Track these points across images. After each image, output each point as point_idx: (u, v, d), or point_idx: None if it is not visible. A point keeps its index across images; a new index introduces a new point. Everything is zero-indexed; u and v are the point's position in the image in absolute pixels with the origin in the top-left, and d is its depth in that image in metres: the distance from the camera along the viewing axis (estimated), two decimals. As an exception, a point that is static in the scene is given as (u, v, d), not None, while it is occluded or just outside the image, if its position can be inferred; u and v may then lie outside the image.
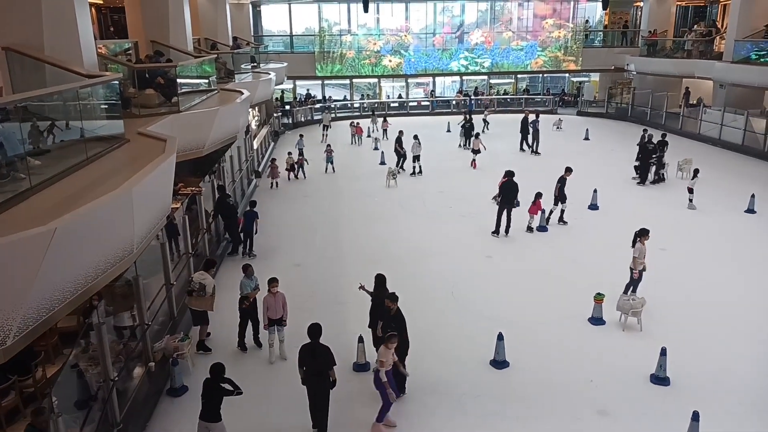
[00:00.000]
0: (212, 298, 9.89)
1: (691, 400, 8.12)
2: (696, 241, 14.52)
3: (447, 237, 15.17)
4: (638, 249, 10.98)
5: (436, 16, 37.39)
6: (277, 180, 20.17)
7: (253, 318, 10.01)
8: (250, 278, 10.01)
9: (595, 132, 28.02)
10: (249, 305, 9.91)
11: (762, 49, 25.12)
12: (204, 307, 9.89)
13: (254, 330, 10.09)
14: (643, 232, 11.03)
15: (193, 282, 9.86)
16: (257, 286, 10.07)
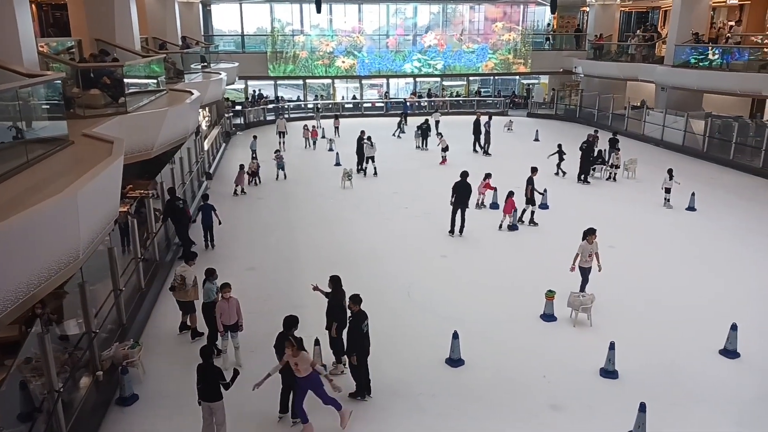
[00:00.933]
0: (194, 288, 10.11)
1: (639, 393, 8.40)
2: (641, 239, 15.04)
3: (403, 238, 15.25)
4: (580, 246, 11.29)
5: (389, 17, 37.57)
6: (242, 186, 19.49)
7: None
8: (214, 282, 9.78)
9: (544, 133, 28.70)
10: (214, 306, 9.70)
11: (700, 53, 26.28)
12: (188, 298, 10.15)
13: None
14: (590, 231, 11.33)
15: (176, 276, 10.13)
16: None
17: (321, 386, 7.72)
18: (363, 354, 8.37)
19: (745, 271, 13.18)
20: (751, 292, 12.08)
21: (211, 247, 14.44)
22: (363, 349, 8.35)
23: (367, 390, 8.55)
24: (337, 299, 9.00)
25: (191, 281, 10.09)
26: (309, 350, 9.28)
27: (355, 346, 8.31)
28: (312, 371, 7.56)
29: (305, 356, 7.60)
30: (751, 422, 8.13)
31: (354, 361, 8.33)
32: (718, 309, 11.15)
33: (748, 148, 23.43)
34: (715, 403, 8.52)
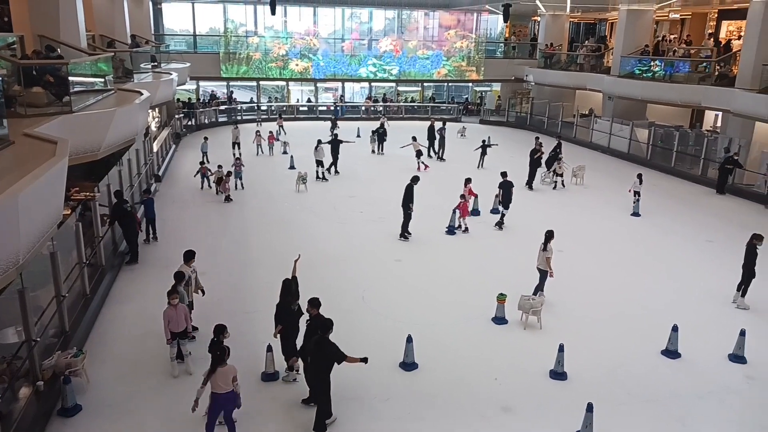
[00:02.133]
0: (189, 287, 10.13)
1: (586, 393, 8.63)
2: (589, 243, 15.48)
3: (358, 241, 15.25)
4: (551, 249, 11.57)
5: (344, 21, 37.56)
6: (228, 194, 18.44)
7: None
8: (183, 287, 9.53)
9: (496, 140, 29.19)
10: None
11: (645, 65, 27.33)
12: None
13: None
14: (551, 235, 11.65)
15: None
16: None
17: (234, 405, 7.47)
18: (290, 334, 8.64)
19: (686, 274, 13.74)
20: (692, 295, 12.61)
21: (153, 239, 14.66)
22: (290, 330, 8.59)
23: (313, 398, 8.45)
24: (288, 303, 8.93)
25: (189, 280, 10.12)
26: (261, 356, 9.18)
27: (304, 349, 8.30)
28: (231, 390, 7.29)
29: (229, 369, 7.29)
30: (692, 420, 8.47)
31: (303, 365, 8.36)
32: (661, 311, 11.58)
33: (688, 156, 24.49)
34: (659, 402, 8.84)
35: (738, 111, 21.68)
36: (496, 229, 16.33)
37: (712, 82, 24.07)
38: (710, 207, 19.51)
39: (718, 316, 11.64)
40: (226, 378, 7.25)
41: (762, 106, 20.26)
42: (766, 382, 9.44)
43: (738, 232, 15.93)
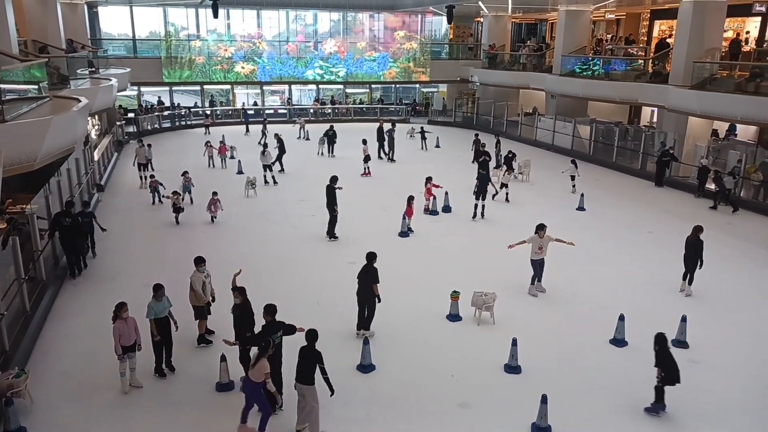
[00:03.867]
0: (193, 292, 9.95)
1: (541, 385, 8.84)
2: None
3: (311, 246, 15.14)
4: (530, 238, 12.13)
5: (289, 23, 37.26)
6: (215, 214, 16.88)
7: (166, 342, 9.28)
8: (160, 300, 9.11)
9: (445, 140, 29.61)
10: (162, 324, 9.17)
11: (584, 63, 28.23)
12: (194, 302, 10.02)
13: (167, 353, 9.35)
14: (541, 227, 12.11)
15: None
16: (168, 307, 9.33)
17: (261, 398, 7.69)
18: (275, 365, 8.17)
19: (630, 264, 14.27)
20: (636, 284, 13.10)
21: (91, 254, 14.07)
22: (274, 361, 8.16)
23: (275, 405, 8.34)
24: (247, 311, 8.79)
25: (197, 286, 9.91)
26: (215, 366, 8.99)
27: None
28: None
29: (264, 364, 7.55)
30: (640, 405, 8.77)
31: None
32: (608, 301, 11.98)
33: (628, 151, 25.44)
34: (609, 390, 9.14)
35: (672, 107, 22.67)
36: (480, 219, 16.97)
37: (647, 80, 25.08)
38: (650, 199, 20.31)
39: (661, 304, 12.13)
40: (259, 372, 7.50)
41: (693, 101, 21.26)
42: (707, 365, 9.89)
43: (676, 222, 16.67)
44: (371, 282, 10.20)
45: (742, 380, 9.50)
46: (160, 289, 9.16)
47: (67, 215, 12.82)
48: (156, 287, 9.16)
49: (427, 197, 17.82)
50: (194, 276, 9.99)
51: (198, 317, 10.17)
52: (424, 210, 17.74)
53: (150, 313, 9.05)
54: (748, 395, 9.11)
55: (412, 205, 16.08)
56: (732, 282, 13.38)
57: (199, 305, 10.05)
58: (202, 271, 10.00)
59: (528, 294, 12.32)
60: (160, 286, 9.19)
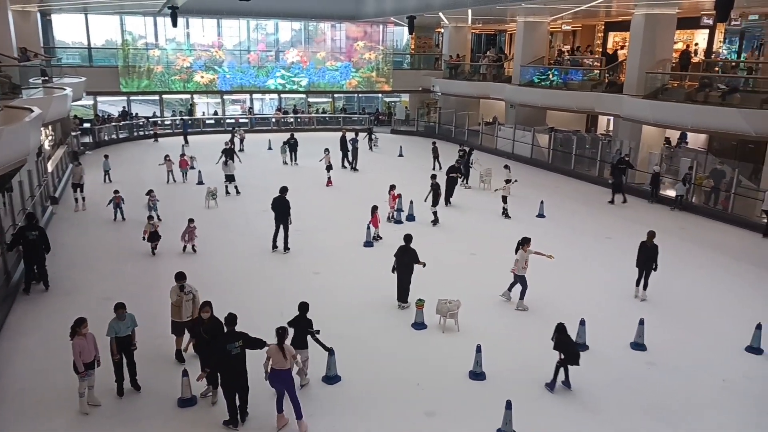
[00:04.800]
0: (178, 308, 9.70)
1: (505, 391, 8.92)
2: (499, 245, 16.02)
3: (274, 256, 14.98)
4: (520, 254, 12.12)
5: (249, 33, 37.02)
6: (193, 243, 15.21)
7: (129, 362, 8.93)
8: (122, 319, 8.73)
9: (407, 149, 29.80)
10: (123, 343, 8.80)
11: (542, 74, 28.87)
12: (171, 316, 9.83)
13: (131, 373, 8.99)
14: (525, 241, 12.14)
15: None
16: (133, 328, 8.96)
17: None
18: (227, 377, 8.06)
19: (590, 270, 14.59)
20: (596, 289, 13.40)
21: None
22: (226, 371, 8.04)
23: (239, 418, 8.24)
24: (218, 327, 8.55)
25: (173, 297, 9.63)
26: (177, 382, 8.78)
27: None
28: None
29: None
30: (602, 408, 8.97)
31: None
32: (569, 306, 12.18)
33: (585, 159, 26.07)
34: (571, 394, 9.29)
35: (626, 115, 23.37)
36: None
37: (603, 89, 25.79)
38: (607, 206, 20.82)
39: (620, 308, 12.42)
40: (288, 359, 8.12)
41: (647, 110, 21.97)
42: (664, 366, 10.17)
43: (632, 227, 17.12)
44: (411, 261, 11.89)
45: (699, 380, 9.79)
46: (122, 308, 8.77)
47: (33, 228, 12.41)
48: (117, 306, 8.81)
49: (392, 205, 17.87)
50: (172, 289, 9.76)
51: (174, 332, 9.88)
52: (388, 218, 17.79)
53: (110, 331, 8.71)
54: (704, 395, 9.39)
55: (376, 214, 16.11)
56: (686, 285, 13.81)
57: (175, 320, 9.78)
58: (181, 288, 9.65)
59: (516, 309, 12.24)
60: (121, 305, 8.81)
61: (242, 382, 8.13)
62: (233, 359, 7.93)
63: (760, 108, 18.64)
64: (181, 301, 9.64)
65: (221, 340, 8.04)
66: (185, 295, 9.66)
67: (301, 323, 9.02)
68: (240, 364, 8.02)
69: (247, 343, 8.13)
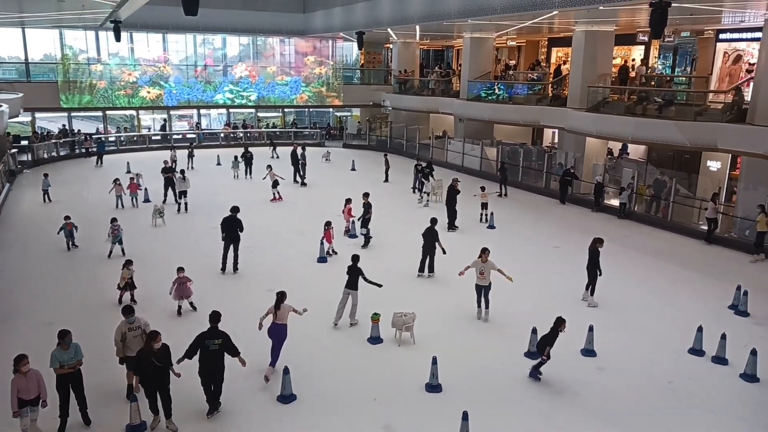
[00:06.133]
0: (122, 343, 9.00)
1: (461, 402, 8.96)
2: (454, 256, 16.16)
3: (225, 275, 14.65)
4: (473, 262, 12.31)
5: (196, 47, 36.49)
6: (190, 300, 12.69)
7: (77, 392, 8.36)
8: (67, 349, 8.15)
9: (360, 163, 29.86)
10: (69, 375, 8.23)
11: (489, 88, 29.53)
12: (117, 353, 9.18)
13: (80, 406, 8.44)
14: (483, 250, 12.35)
15: None
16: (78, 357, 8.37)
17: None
18: (203, 369, 8.54)
19: (540, 278, 14.89)
20: (547, 297, 13.69)
21: None
22: (203, 364, 8.51)
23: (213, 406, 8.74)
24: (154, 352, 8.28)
25: (118, 336, 8.97)
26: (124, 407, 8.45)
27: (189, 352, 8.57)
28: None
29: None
30: (555, 415, 9.13)
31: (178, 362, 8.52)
32: (521, 315, 12.39)
33: (532, 170, 26.74)
34: (525, 402, 9.43)
35: (570, 128, 24.14)
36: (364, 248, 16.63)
37: (547, 103, 26.59)
38: (555, 216, 21.40)
39: (570, 315, 12.63)
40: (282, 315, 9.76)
41: (589, 123, 22.76)
42: (614, 372, 10.45)
43: (580, 236, 17.60)
44: (434, 240, 14.34)
45: (646, 383, 10.10)
46: (66, 336, 8.19)
47: None
48: (61, 334, 8.21)
49: (347, 219, 17.79)
50: (119, 324, 9.05)
51: (122, 363, 9.19)
52: (345, 232, 17.70)
53: (53, 362, 8.14)
54: (651, 397, 9.69)
55: (329, 230, 16.02)
56: (632, 291, 14.28)
57: (117, 356, 9.10)
58: (130, 322, 8.97)
59: (477, 318, 12.36)
60: (65, 333, 8.22)
61: (217, 375, 8.65)
62: (211, 354, 8.48)
63: (693, 120, 19.60)
64: (127, 337, 8.95)
65: (202, 335, 8.55)
66: (134, 331, 8.99)
67: (354, 270, 11.56)
68: (217, 359, 8.58)
69: (226, 345, 8.65)
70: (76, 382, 8.34)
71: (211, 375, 8.60)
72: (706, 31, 24.62)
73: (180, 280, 12.21)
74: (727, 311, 13.14)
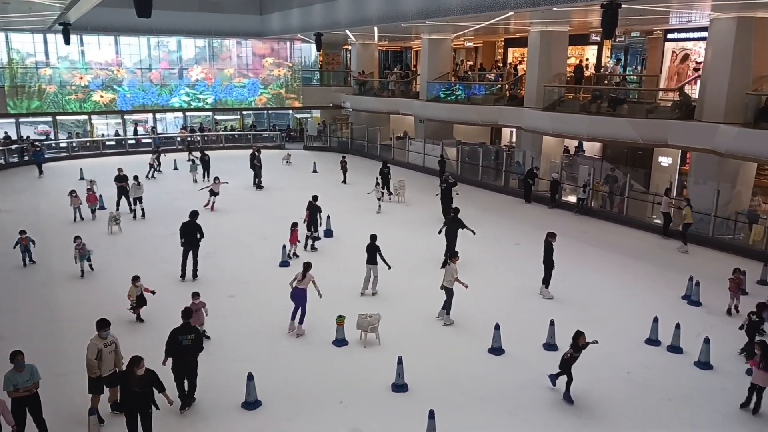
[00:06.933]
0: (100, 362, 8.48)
1: (427, 401, 9.02)
2: (414, 257, 16.28)
3: (185, 282, 14.34)
4: (449, 268, 12.06)
5: (150, 50, 35.68)
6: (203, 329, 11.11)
7: (35, 416, 7.94)
8: (21, 370, 7.74)
9: (321, 165, 29.70)
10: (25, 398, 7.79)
11: (448, 89, 29.80)
12: (88, 371, 8.62)
13: (39, 429, 8.01)
14: (453, 255, 12.25)
15: None
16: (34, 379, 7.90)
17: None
18: (177, 364, 8.77)
19: (501, 275, 15.12)
20: (508, 293, 13.90)
21: None
22: (177, 359, 8.76)
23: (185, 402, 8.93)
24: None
25: (93, 354, 8.38)
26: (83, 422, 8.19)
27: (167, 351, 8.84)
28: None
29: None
30: (519, 409, 9.27)
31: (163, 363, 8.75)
32: (484, 312, 12.53)
33: (491, 169, 27.09)
34: (490, 398, 9.54)
35: (528, 127, 24.56)
36: (312, 251, 16.52)
37: (505, 103, 26.98)
38: (514, 213, 21.71)
39: (532, 310, 12.95)
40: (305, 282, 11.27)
41: (546, 122, 23.21)
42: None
43: (538, 233, 17.87)
44: (458, 227, 15.39)
45: (605, 374, 10.35)
46: (18, 356, 7.75)
47: None
48: (12, 355, 7.79)
49: (293, 242, 16.52)
50: (91, 341, 8.44)
51: (91, 391, 8.56)
52: (288, 255, 17.00)
53: (7, 385, 7.71)
54: (611, 387, 9.94)
55: (295, 230, 15.86)
56: (590, 284, 14.62)
57: (91, 376, 8.51)
58: (104, 337, 8.42)
59: (443, 324, 12.23)
60: (18, 353, 7.80)
61: (190, 369, 8.89)
62: (184, 349, 8.70)
63: (645, 117, 20.21)
64: (103, 354, 8.41)
65: (176, 331, 8.80)
66: (109, 346, 8.47)
67: (373, 248, 13.20)
68: (190, 354, 8.81)
69: (197, 341, 8.93)
70: (33, 405, 7.93)
71: (186, 370, 8.84)
72: (655, 32, 25.44)
73: (196, 305, 11.00)
74: (680, 302, 13.58)
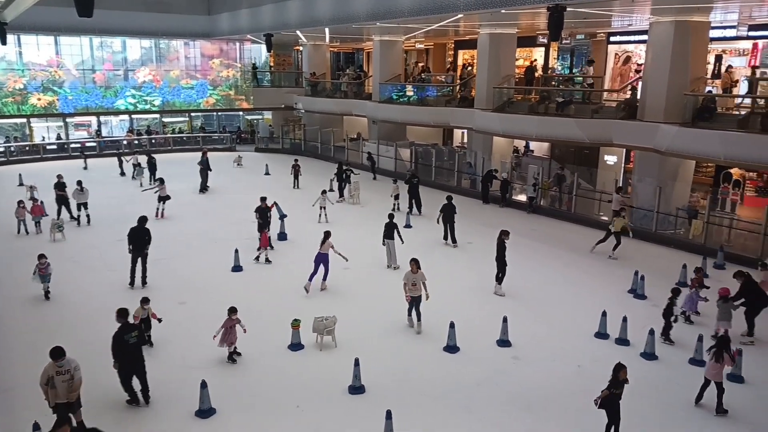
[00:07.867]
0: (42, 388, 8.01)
1: (384, 402, 9.05)
2: (366, 258, 16.23)
3: (134, 289, 13.90)
4: (421, 275, 11.87)
5: (93, 51, 34.51)
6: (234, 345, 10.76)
7: None
8: None
9: (274, 167, 29.38)
10: None
11: (400, 91, 29.96)
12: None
13: None
14: (414, 261, 11.97)
15: None
16: None
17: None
18: (124, 363, 8.83)
19: (455, 273, 15.28)
20: (462, 292, 14.07)
21: None
22: (124, 358, 8.80)
23: (141, 398, 9.09)
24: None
25: (44, 380, 7.91)
26: None
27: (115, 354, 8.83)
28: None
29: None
30: (475, 406, 9.39)
31: (115, 366, 8.88)
32: (439, 310, 12.57)
33: (444, 170, 27.39)
34: (446, 397, 9.64)
35: (478, 128, 24.95)
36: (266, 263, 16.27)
37: (456, 105, 27.32)
38: (471, 213, 21.93)
39: (485, 308, 13.15)
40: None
41: (496, 123, 23.62)
42: (528, 360, 10.90)
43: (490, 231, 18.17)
44: (453, 213, 17.55)
45: (557, 368, 10.61)
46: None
47: None
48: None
49: (265, 245, 16.83)
50: (45, 366, 7.98)
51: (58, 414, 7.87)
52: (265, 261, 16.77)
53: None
54: (562, 381, 10.20)
55: (265, 233, 15.72)
56: (541, 281, 14.96)
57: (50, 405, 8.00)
58: (60, 366, 7.93)
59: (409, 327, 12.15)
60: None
61: (138, 367, 8.98)
62: (131, 347, 8.81)
63: (591, 117, 20.83)
64: (55, 382, 7.94)
65: (119, 333, 8.82)
66: (62, 375, 7.98)
67: (391, 226, 15.21)
68: (137, 351, 8.94)
69: (141, 336, 9.18)
70: None
71: (135, 368, 8.93)
72: (599, 34, 26.26)
73: (230, 323, 10.43)
74: (627, 295, 14.06)
